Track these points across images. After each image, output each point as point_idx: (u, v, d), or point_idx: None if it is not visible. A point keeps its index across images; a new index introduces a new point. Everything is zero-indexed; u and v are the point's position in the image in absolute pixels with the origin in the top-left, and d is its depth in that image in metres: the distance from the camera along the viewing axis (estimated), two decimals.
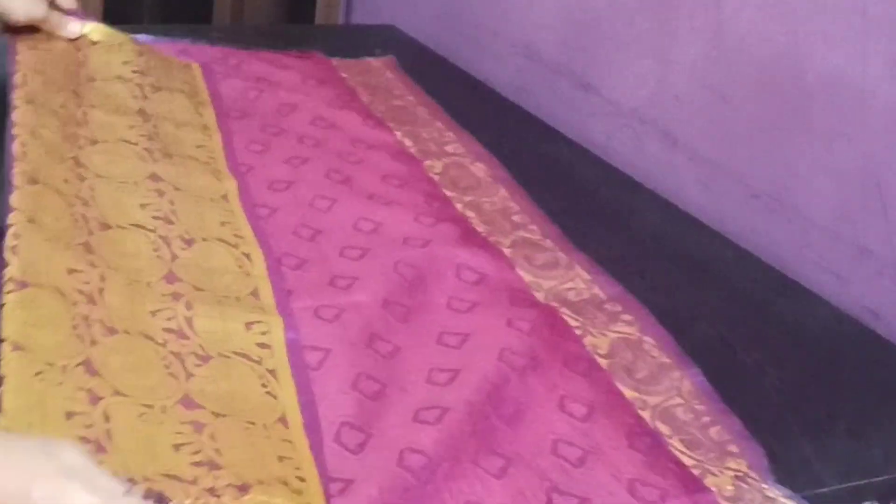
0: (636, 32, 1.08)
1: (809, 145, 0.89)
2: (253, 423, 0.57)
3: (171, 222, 0.75)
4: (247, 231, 0.78)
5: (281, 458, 0.54)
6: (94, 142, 0.83)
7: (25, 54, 0.94)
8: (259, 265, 0.73)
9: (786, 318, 0.80)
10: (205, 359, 0.61)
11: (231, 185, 0.84)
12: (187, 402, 0.57)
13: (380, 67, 1.21)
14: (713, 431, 0.63)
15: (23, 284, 0.59)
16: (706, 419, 0.64)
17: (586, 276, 0.79)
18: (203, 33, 1.22)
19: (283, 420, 0.58)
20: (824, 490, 0.61)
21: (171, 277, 0.68)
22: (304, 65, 1.16)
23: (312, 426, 0.58)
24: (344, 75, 1.16)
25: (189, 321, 0.64)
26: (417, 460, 0.56)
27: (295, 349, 0.65)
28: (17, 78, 0.88)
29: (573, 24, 1.17)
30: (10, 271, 0.60)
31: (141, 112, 0.92)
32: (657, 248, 0.88)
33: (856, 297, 0.85)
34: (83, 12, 1.06)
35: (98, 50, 1.01)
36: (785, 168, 0.92)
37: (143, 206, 0.76)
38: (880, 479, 0.63)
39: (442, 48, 1.34)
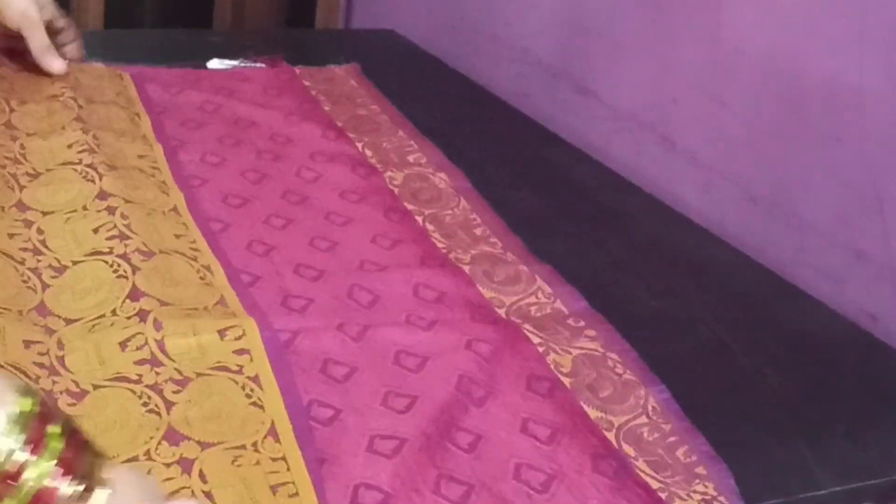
0: (635, 37, 1.08)
1: (807, 149, 0.89)
2: (243, 448, 0.56)
3: (127, 237, 0.73)
4: (202, 244, 0.76)
5: (275, 489, 0.53)
6: (35, 175, 0.81)
7: None
8: (220, 276, 0.72)
9: (784, 321, 0.80)
10: (183, 383, 0.60)
11: (179, 198, 0.82)
12: (171, 435, 0.56)
13: (343, 76, 1.19)
14: (680, 452, 0.62)
15: None
16: (672, 439, 0.63)
17: (548, 289, 0.77)
18: (202, 37, 1.22)
19: (272, 432, 0.57)
20: (822, 492, 0.61)
21: (135, 294, 0.66)
22: (265, 75, 1.14)
23: (304, 434, 0.57)
24: (306, 83, 1.14)
25: (160, 344, 0.62)
26: (373, 498, 0.54)
27: (274, 346, 0.64)
28: None
29: (572, 29, 1.17)
30: None
31: (79, 120, 0.90)
32: (656, 252, 0.88)
33: (853, 300, 0.86)
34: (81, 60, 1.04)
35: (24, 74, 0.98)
36: (783, 172, 0.92)
37: (95, 230, 0.74)
38: (878, 481, 0.64)
39: (441, 53, 1.35)
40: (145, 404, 0.58)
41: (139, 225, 0.75)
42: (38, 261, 0.70)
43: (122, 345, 0.62)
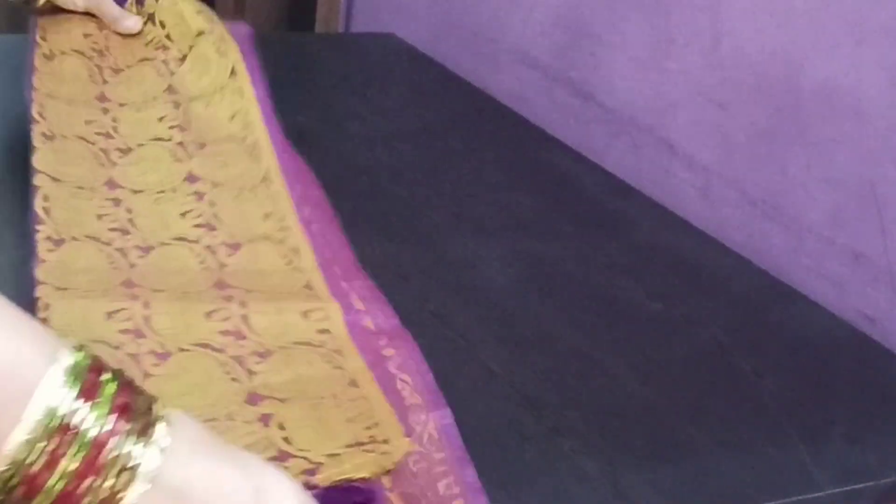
0: (633, 40, 1.09)
1: (806, 152, 0.90)
2: (322, 398, 0.56)
3: (213, 228, 0.73)
4: (291, 219, 0.74)
5: (350, 420, 0.54)
6: (125, 151, 0.81)
7: (42, 73, 0.89)
8: (308, 258, 0.71)
9: (782, 324, 0.81)
10: (265, 355, 0.60)
11: (272, 164, 0.80)
12: (252, 397, 0.56)
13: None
14: (442, 484, 0.58)
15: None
16: (439, 469, 0.59)
17: (360, 305, 0.73)
18: None
19: (353, 383, 0.57)
20: (820, 494, 0.62)
21: (221, 285, 0.67)
22: None
23: (384, 381, 0.58)
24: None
25: (245, 319, 0.63)
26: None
27: (356, 331, 0.64)
28: (33, 110, 0.83)
29: (571, 33, 1.18)
30: None
31: (170, 91, 0.88)
32: (654, 255, 0.89)
33: (852, 302, 0.86)
34: None
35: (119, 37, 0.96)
36: (781, 175, 0.92)
37: (183, 214, 0.74)
38: (876, 482, 0.64)
39: (441, 56, 1.35)
40: (227, 372, 0.59)
41: (226, 212, 0.75)
42: (126, 240, 0.71)
43: (208, 315, 0.63)
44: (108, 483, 0.37)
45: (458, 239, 0.85)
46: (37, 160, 0.76)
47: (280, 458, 0.51)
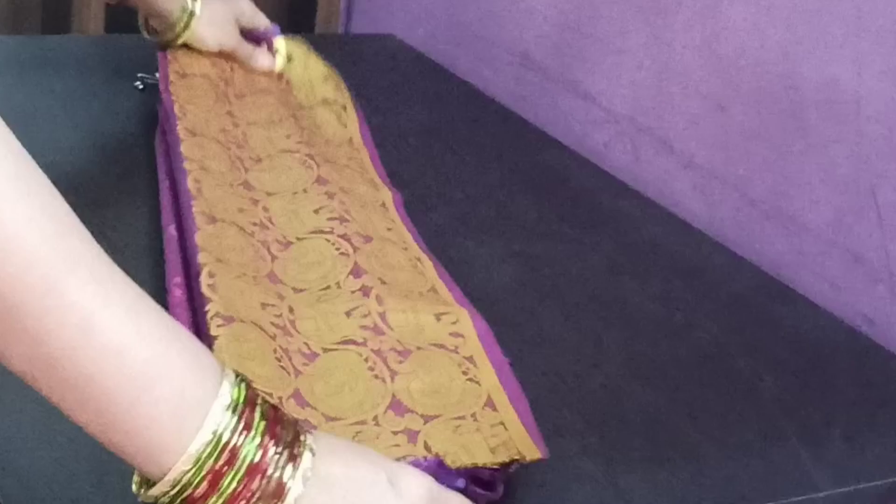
0: (632, 41, 1.09)
1: (805, 153, 0.90)
2: (462, 418, 0.58)
3: (346, 220, 0.76)
4: (410, 241, 0.79)
5: (493, 450, 0.55)
6: (258, 160, 0.85)
7: (177, 85, 0.94)
8: (430, 269, 0.74)
9: (781, 324, 0.81)
10: (404, 354, 0.62)
11: (387, 195, 0.85)
12: (396, 405, 0.58)
13: None
14: None
15: (229, 319, 0.60)
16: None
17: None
18: None
19: (490, 403, 0.59)
20: (819, 495, 0.62)
21: (357, 271, 0.69)
22: None
23: (519, 403, 0.59)
24: None
25: (383, 316, 0.65)
26: None
27: (486, 338, 0.66)
28: (175, 109, 0.89)
29: (570, 33, 1.18)
30: (214, 307, 0.61)
31: (294, 118, 0.93)
32: (653, 255, 0.89)
33: (851, 303, 0.86)
34: (274, 30, 1.05)
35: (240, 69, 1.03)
36: (781, 175, 0.92)
37: (316, 210, 0.77)
38: (875, 483, 0.64)
39: (440, 57, 1.35)
40: (371, 368, 0.61)
41: (355, 212, 0.78)
42: (266, 234, 0.74)
43: (348, 314, 0.65)
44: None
45: (457, 239, 0.85)
46: (184, 149, 0.81)
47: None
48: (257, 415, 0.42)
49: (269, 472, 0.41)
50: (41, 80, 1.06)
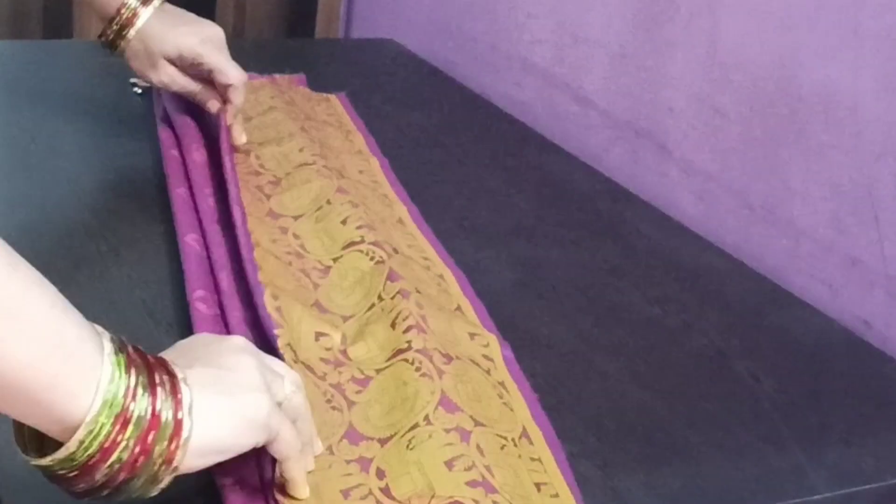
0: (631, 46, 1.09)
1: (802, 157, 0.90)
2: (505, 438, 0.58)
3: (373, 228, 0.77)
4: (431, 254, 0.79)
5: (539, 487, 0.55)
6: (276, 182, 0.85)
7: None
8: (454, 286, 0.75)
9: (779, 327, 0.81)
10: (447, 358, 0.63)
11: (402, 211, 0.85)
12: (446, 403, 0.58)
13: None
14: None
15: (295, 354, 0.61)
16: None
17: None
18: None
19: (525, 435, 0.60)
20: (817, 497, 0.62)
21: (393, 276, 0.70)
22: None
23: (552, 444, 0.60)
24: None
25: (424, 318, 0.66)
26: None
27: (512, 367, 0.66)
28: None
29: (569, 38, 1.18)
30: (284, 338, 0.62)
31: (304, 131, 0.93)
32: (652, 259, 0.89)
33: (848, 307, 0.86)
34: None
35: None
36: (778, 180, 0.93)
37: (343, 221, 0.77)
38: (872, 486, 0.64)
39: (440, 62, 1.36)
40: (418, 369, 0.61)
41: (378, 224, 0.78)
42: (303, 263, 0.74)
43: (393, 324, 0.66)
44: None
45: (456, 243, 0.85)
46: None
47: (485, 486, 0.53)
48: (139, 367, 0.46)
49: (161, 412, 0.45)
50: (42, 85, 1.07)
